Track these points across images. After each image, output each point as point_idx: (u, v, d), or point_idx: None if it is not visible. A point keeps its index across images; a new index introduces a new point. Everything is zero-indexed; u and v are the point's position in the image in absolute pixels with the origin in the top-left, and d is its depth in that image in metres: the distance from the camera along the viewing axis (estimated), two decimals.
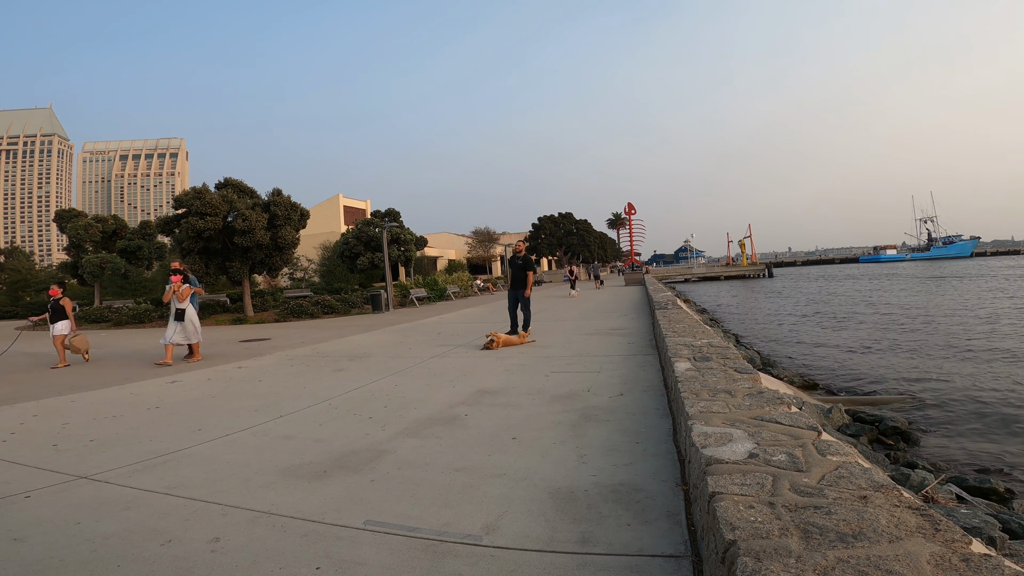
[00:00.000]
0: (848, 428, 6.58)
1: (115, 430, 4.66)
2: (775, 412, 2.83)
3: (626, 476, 3.02)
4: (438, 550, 2.32)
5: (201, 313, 19.01)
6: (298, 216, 19.27)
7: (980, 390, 9.11)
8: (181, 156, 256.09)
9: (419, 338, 10.46)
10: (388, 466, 3.40)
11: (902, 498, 1.78)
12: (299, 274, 39.69)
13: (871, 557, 1.43)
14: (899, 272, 61.84)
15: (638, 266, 74.12)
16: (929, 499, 4.21)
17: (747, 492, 1.87)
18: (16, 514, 2.93)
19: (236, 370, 7.63)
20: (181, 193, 17.95)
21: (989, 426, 7.27)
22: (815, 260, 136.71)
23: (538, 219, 58.72)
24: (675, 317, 8.65)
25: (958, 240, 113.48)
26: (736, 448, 2.30)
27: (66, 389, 6.71)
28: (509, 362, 7.09)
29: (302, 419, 4.72)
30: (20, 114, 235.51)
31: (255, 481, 3.25)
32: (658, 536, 2.35)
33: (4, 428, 4.86)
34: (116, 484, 3.31)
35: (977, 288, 32.38)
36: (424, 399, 5.20)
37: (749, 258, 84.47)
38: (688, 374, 3.97)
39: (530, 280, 9.37)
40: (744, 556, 1.47)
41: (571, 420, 4.18)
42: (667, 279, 59.24)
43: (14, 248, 45.88)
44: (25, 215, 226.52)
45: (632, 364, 6.46)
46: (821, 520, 1.64)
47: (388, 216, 31.58)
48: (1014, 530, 3.84)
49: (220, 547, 2.43)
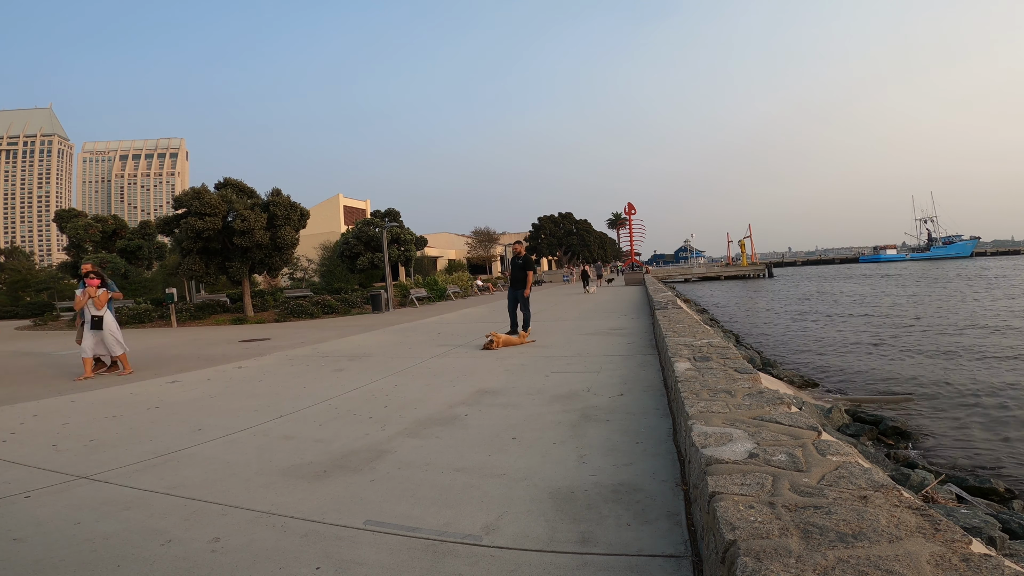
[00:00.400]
0: (848, 428, 6.58)
1: (115, 430, 4.66)
2: (775, 412, 2.83)
3: (626, 476, 3.02)
4: (438, 550, 2.32)
5: (201, 313, 19.11)
6: (298, 216, 19.28)
7: (980, 390, 9.11)
8: (181, 156, 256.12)
9: (419, 338, 10.46)
10: (388, 466, 3.40)
11: (902, 498, 1.78)
12: (299, 274, 39.69)
13: (871, 557, 1.43)
14: (899, 272, 61.83)
15: (638, 266, 74.11)
16: (929, 499, 4.21)
17: (747, 492, 1.87)
18: (16, 514, 2.93)
19: (236, 370, 7.63)
20: (181, 193, 17.96)
21: (989, 426, 7.27)
22: (815, 260, 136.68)
23: (538, 219, 58.73)
24: (675, 317, 8.65)
25: (958, 240, 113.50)
26: (736, 448, 2.30)
27: (66, 389, 6.71)
28: (509, 362, 7.09)
29: (302, 419, 4.72)
30: (20, 114, 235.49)
31: (255, 481, 3.25)
32: (658, 536, 2.35)
33: (4, 428, 4.86)
34: (116, 484, 3.31)
35: (978, 288, 32.37)
36: (424, 399, 5.20)
37: (749, 258, 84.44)
38: (688, 374, 3.97)
39: (530, 280, 9.38)
40: (744, 556, 1.47)
41: (571, 420, 4.18)
42: (667, 279, 59.23)
43: (14, 248, 45.89)
44: (25, 215, 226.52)
45: (632, 364, 6.46)
46: (821, 520, 1.64)
47: (388, 216, 31.60)
48: (1014, 530, 3.83)
49: (220, 547, 2.43)
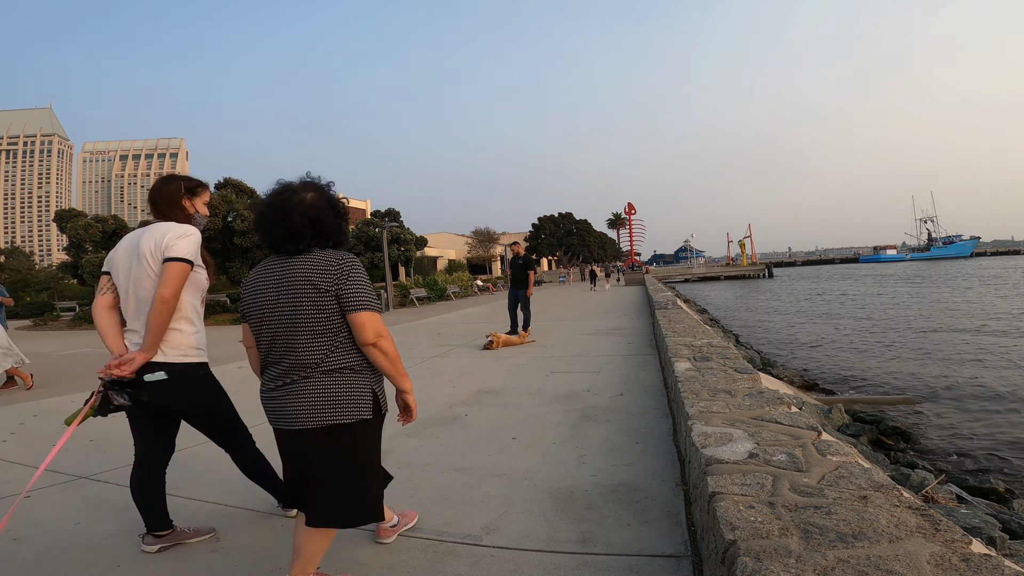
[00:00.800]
0: (848, 428, 6.57)
1: (115, 430, 4.66)
2: (775, 412, 2.83)
3: (626, 476, 3.02)
4: (438, 550, 2.32)
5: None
6: None
7: (980, 390, 9.11)
8: (181, 156, 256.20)
9: (419, 338, 10.46)
10: (388, 466, 3.38)
11: (902, 498, 1.78)
12: None
13: (871, 557, 1.43)
14: (899, 273, 61.82)
15: (638, 266, 74.14)
16: (929, 499, 4.21)
17: (747, 492, 1.87)
18: (16, 514, 2.92)
19: (236, 370, 7.63)
20: None
21: (989, 426, 7.27)
22: (815, 260, 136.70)
23: (538, 219, 58.72)
24: (675, 317, 8.65)
25: (958, 240, 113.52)
26: (736, 448, 2.30)
27: (66, 389, 6.71)
28: (509, 362, 7.09)
29: None
30: (20, 114, 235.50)
31: None
32: (658, 536, 2.35)
33: (4, 428, 4.86)
34: (116, 484, 3.31)
35: (977, 289, 32.37)
36: (424, 399, 5.20)
37: (749, 258, 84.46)
38: (688, 374, 3.97)
39: (531, 280, 9.38)
40: (744, 556, 1.47)
41: (571, 420, 4.18)
42: (667, 279, 59.19)
43: (14, 248, 45.90)
44: (25, 215, 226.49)
45: (632, 364, 6.46)
46: (821, 520, 1.64)
47: (388, 216, 31.58)
48: (1014, 530, 3.83)
49: (220, 547, 2.44)
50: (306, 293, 1.80)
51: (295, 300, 1.81)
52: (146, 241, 2.23)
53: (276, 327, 1.85)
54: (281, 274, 1.86)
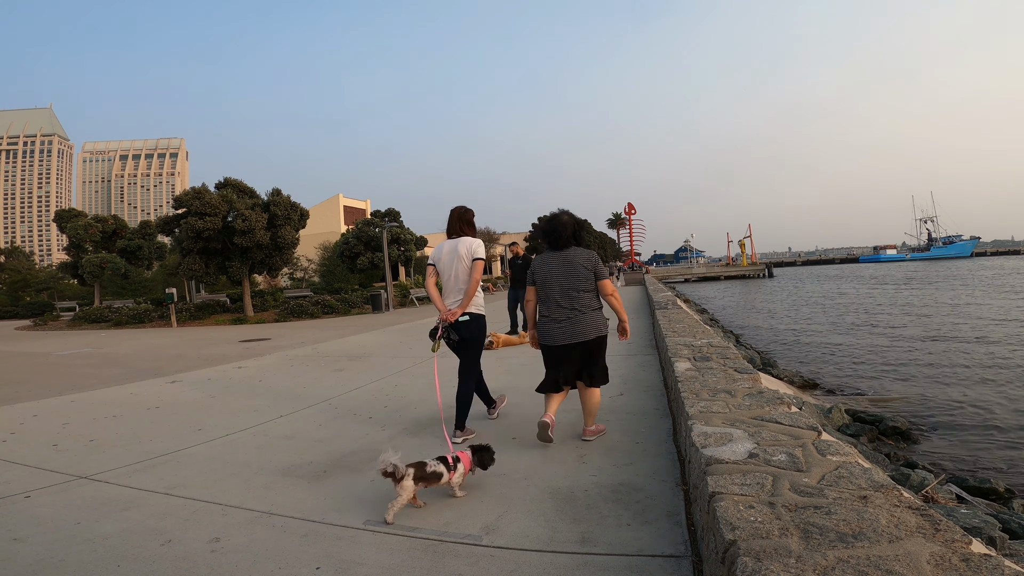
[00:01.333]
0: (848, 428, 6.57)
1: (115, 430, 4.66)
2: (775, 412, 2.83)
3: (626, 476, 3.02)
4: (438, 550, 2.32)
5: (201, 313, 19.08)
6: (298, 216, 19.27)
7: (980, 390, 9.11)
8: (181, 156, 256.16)
9: (419, 338, 10.45)
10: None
11: (902, 498, 1.78)
12: (299, 274, 39.68)
13: (871, 557, 1.43)
14: (898, 272, 61.81)
15: (638, 266, 74.11)
16: (929, 499, 4.21)
17: (747, 492, 1.87)
18: (16, 514, 2.93)
19: (236, 370, 7.63)
20: (181, 193, 17.96)
21: (989, 426, 7.27)
22: (815, 260, 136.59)
23: (538, 219, 58.65)
24: (675, 317, 8.64)
25: (958, 240, 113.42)
26: (736, 448, 2.30)
27: (66, 389, 6.71)
28: (509, 362, 7.09)
29: (302, 419, 4.72)
30: (20, 114, 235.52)
31: (255, 481, 3.26)
32: (658, 536, 2.35)
33: (4, 428, 4.86)
34: (116, 484, 3.31)
35: (978, 289, 32.38)
36: (424, 399, 5.20)
37: (749, 258, 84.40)
38: (688, 374, 3.97)
39: None
40: (744, 556, 1.47)
41: (571, 420, 4.18)
42: (667, 279, 59.17)
43: (14, 248, 45.90)
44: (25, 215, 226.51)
45: (632, 364, 6.46)
46: (821, 520, 1.64)
47: (388, 216, 31.59)
48: (1014, 530, 3.83)
49: (220, 547, 2.43)
50: (583, 269, 3.50)
51: (577, 273, 3.50)
52: (462, 247, 3.85)
53: (565, 287, 3.50)
54: (562, 260, 3.55)
